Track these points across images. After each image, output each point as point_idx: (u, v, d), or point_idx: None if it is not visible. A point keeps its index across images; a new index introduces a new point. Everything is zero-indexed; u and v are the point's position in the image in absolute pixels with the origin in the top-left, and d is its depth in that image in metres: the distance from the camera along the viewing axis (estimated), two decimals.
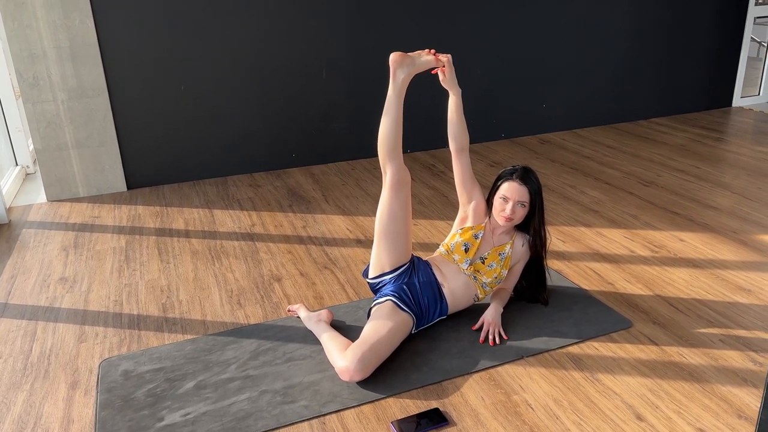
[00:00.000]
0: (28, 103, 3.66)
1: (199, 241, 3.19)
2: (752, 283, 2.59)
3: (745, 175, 3.90)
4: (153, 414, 1.91)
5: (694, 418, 1.83)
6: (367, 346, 2.01)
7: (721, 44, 5.42)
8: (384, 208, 2.20)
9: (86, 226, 3.42)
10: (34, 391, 2.06)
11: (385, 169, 2.20)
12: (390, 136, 2.18)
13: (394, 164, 2.18)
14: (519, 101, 4.86)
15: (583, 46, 4.92)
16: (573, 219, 3.31)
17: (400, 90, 2.20)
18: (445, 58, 2.28)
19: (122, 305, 2.58)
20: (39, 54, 3.60)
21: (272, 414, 1.89)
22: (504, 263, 2.34)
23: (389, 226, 2.19)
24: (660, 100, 5.37)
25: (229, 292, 2.66)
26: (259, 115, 4.18)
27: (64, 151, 3.81)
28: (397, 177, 2.18)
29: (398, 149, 2.19)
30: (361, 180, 4.04)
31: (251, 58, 4.05)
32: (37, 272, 2.90)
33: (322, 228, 3.29)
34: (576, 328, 2.28)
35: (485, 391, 1.98)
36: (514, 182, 2.28)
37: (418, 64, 2.23)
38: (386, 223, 2.19)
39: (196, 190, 3.98)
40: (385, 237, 2.21)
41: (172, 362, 2.17)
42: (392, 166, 2.18)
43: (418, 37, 4.35)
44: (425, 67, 2.25)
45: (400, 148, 2.20)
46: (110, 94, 3.81)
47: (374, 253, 2.25)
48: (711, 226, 3.16)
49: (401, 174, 2.19)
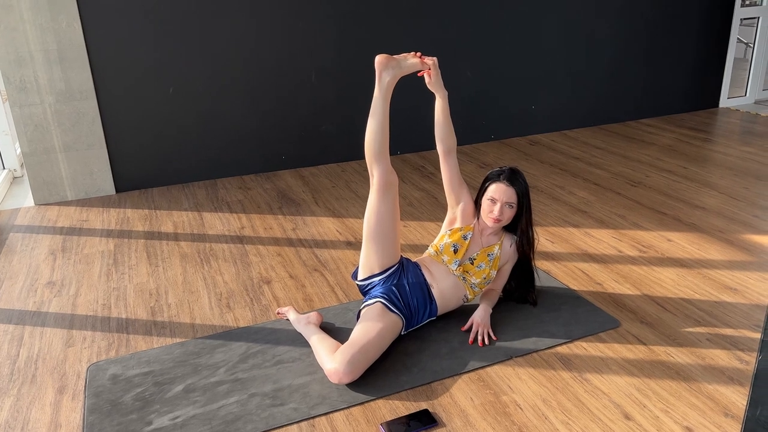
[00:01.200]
0: (15, 107, 3.64)
1: (188, 244, 3.17)
2: (739, 283, 2.61)
3: (731, 175, 3.94)
4: (141, 418, 1.90)
5: (681, 416, 1.85)
6: (356, 348, 2.01)
7: (708, 45, 5.47)
8: (372, 211, 2.20)
9: (74, 230, 3.40)
10: (21, 396, 2.04)
11: (372, 171, 2.20)
12: (376, 138, 2.18)
13: (381, 166, 2.19)
14: (508, 103, 4.88)
15: (571, 48, 4.94)
16: (561, 219, 3.33)
17: (386, 92, 2.20)
18: (430, 61, 2.28)
19: (110, 309, 2.57)
20: (26, 57, 3.57)
21: (261, 417, 1.89)
22: (493, 264, 2.35)
23: (377, 228, 2.20)
24: (648, 101, 5.41)
25: (218, 295, 2.65)
26: (249, 117, 4.17)
27: (52, 154, 3.78)
28: (384, 179, 2.18)
29: (385, 151, 2.19)
30: (351, 182, 4.04)
31: (240, 61, 4.04)
32: (25, 276, 2.88)
33: (312, 230, 3.29)
34: (564, 328, 2.30)
35: (474, 391, 1.98)
36: (501, 183, 2.29)
37: (404, 67, 2.23)
38: (374, 225, 2.20)
39: (185, 192, 3.96)
40: (373, 239, 2.21)
41: (160, 366, 2.16)
42: (379, 169, 2.18)
43: (408, 40, 4.36)
44: (411, 69, 2.25)
45: (387, 151, 2.20)
46: (98, 97, 3.80)
47: (363, 255, 2.26)
48: (698, 226, 3.18)
49: (388, 176, 2.19)
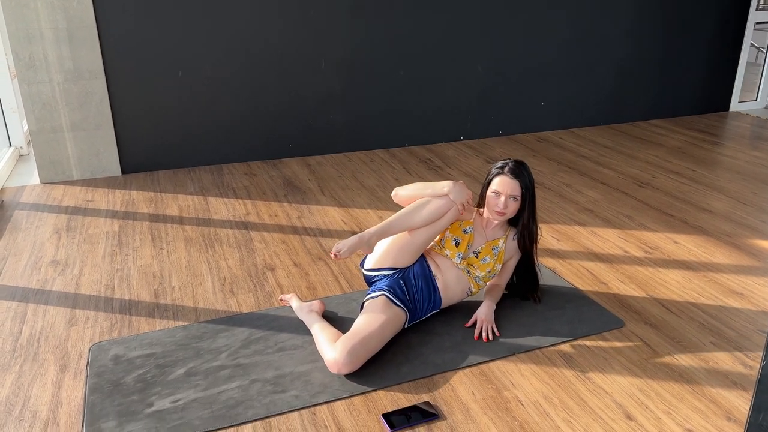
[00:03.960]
0: (24, 84, 3.63)
1: (192, 228, 3.17)
2: (744, 287, 2.60)
3: (740, 179, 3.91)
4: (142, 399, 1.90)
5: (684, 418, 1.84)
6: (357, 339, 2.01)
7: (721, 48, 5.43)
8: (419, 226, 2.23)
9: (79, 210, 3.40)
10: (23, 373, 2.04)
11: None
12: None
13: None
14: (517, 99, 4.86)
15: (583, 46, 4.91)
16: (568, 218, 3.32)
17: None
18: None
19: (114, 290, 2.57)
20: (36, 34, 3.56)
21: (262, 403, 1.88)
22: (498, 258, 2.34)
23: (413, 237, 2.22)
24: (658, 102, 5.38)
25: (221, 280, 2.65)
26: (257, 103, 4.16)
27: (59, 133, 3.77)
28: (456, 214, 2.25)
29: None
30: (357, 172, 4.03)
31: (251, 46, 4.02)
32: (29, 254, 2.87)
33: (317, 219, 3.28)
34: (568, 326, 2.29)
35: (476, 386, 1.98)
36: (505, 176, 2.27)
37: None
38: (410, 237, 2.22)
39: (191, 176, 3.95)
40: (402, 242, 2.23)
41: (162, 348, 2.16)
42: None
43: (420, 33, 4.34)
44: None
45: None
46: (107, 78, 3.78)
47: (381, 249, 2.24)
48: (705, 229, 3.17)
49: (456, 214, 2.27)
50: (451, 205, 2.20)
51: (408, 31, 4.30)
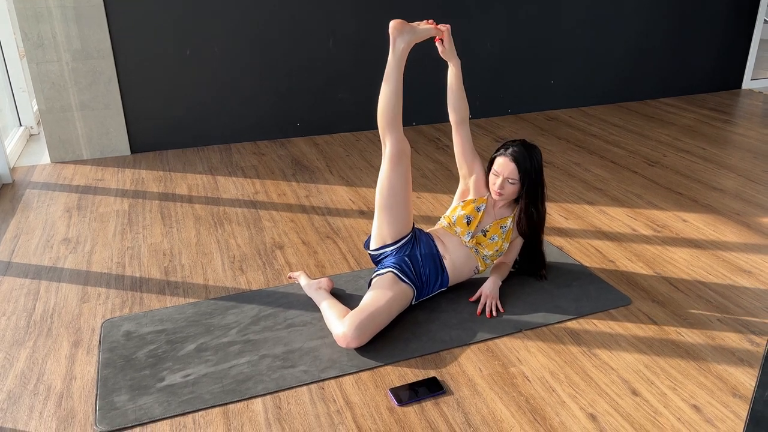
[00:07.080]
0: (33, 63, 3.64)
1: (202, 206, 3.19)
2: (753, 265, 2.59)
3: (751, 157, 3.88)
4: (154, 374, 1.93)
5: (689, 394, 1.85)
6: (365, 313, 2.03)
7: (734, 26, 5.35)
8: (384, 181, 2.19)
9: (89, 189, 3.43)
10: (37, 348, 2.08)
11: (384, 140, 2.19)
12: (389, 106, 2.15)
13: (394, 135, 2.17)
14: (527, 77, 4.82)
15: (593, 24, 4.85)
16: (576, 196, 3.31)
17: (400, 59, 2.17)
18: (444, 27, 2.25)
19: (125, 267, 2.60)
20: (44, 12, 3.56)
21: (272, 378, 1.91)
22: (506, 236, 2.34)
23: (389, 198, 2.19)
24: (669, 80, 5.32)
25: (231, 257, 2.67)
26: (264, 82, 4.15)
27: (68, 112, 3.79)
28: (397, 148, 2.16)
29: (398, 120, 2.17)
30: (365, 151, 4.03)
31: (258, 24, 4.00)
32: (41, 232, 2.91)
33: (325, 198, 3.29)
34: (575, 303, 2.30)
35: (483, 362, 1.99)
36: (506, 158, 2.27)
37: (418, 33, 2.20)
38: (386, 195, 2.19)
39: (199, 156, 3.97)
40: (385, 209, 2.20)
41: (173, 325, 2.19)
42: (392, 137, 2.17)
43: (428, 9, 4.29)
44: (425, 35, 2.22)
45: (400, 119, 2.18)
46: (115, 57, 3.78)
47: (375, 225, 2.25)
48: (714, 208, 3.15)
49: (401, 145, 2.17)
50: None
51: (417, 8, 4.26)
